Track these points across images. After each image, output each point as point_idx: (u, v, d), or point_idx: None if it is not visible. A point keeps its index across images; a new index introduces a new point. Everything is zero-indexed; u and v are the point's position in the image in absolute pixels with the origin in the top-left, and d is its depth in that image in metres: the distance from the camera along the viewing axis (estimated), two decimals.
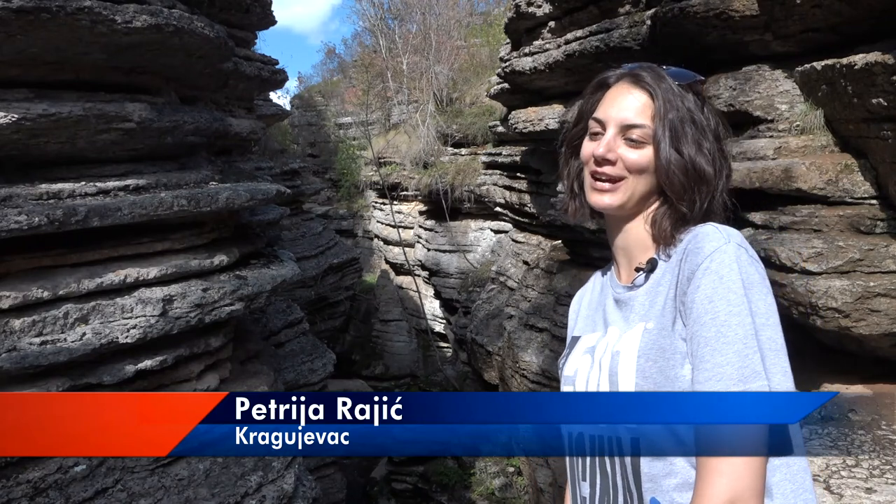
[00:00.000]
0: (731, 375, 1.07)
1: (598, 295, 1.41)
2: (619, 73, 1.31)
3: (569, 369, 1.34)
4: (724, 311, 1.10)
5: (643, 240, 1.29)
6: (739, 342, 1.08)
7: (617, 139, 1.25)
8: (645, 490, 1.15)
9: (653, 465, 1.15)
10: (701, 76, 1.31)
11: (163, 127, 4.38)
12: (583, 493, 1.27)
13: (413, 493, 12.39)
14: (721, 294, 1.11)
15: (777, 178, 4.42)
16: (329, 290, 14.26)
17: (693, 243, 1.18)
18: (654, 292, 1.22)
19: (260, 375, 5.23)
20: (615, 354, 1.21)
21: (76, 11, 3.57)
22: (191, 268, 4.45)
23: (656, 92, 1.24)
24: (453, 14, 22.80)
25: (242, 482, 4.37)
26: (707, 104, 1.30)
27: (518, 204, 12.87)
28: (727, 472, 1.04)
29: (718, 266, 1.13)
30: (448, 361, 16.65)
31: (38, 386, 3.73)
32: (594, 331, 1.34)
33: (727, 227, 1.21)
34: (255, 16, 7.82)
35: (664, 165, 1.22)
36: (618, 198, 1.26)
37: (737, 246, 1.16)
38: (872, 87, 3.74)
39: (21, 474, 3.68)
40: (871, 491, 3.27)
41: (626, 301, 1.28)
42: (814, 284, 4.05)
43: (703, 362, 1.10)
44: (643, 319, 1.21)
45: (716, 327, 1.10)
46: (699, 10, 4.99)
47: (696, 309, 1.13)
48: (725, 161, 1.28)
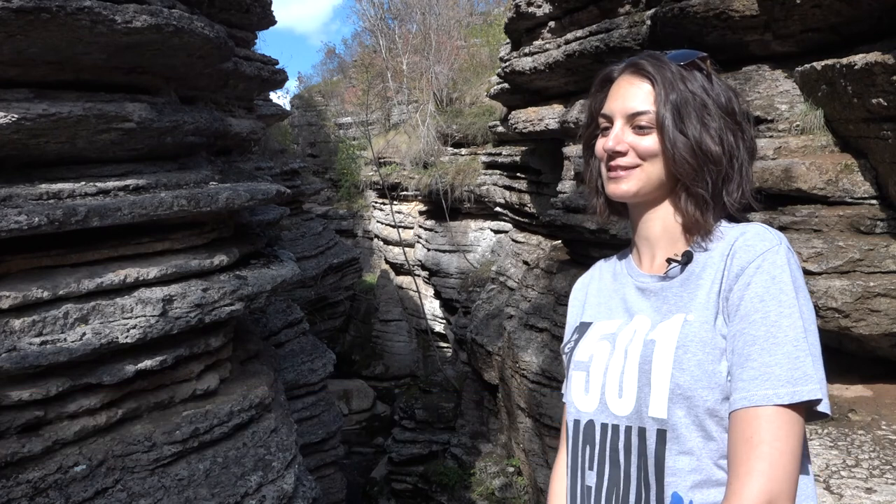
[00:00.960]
0: (781, 376, 1.06)
1: (610, 282, 1.38)
2: (621, 67, 1.31)
3: (581, 354, 1.31)
4: (775, 312, 1.09)
5: (671, 230, 1.27)
6: (790, 344, 1.07)
7: (625, 129, 1.25)
8: (667, 484, 1.13)
9: (679, 459, 1.13)
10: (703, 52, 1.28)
11: (163, 127, 4.37)
12: (587, 483, 1.25)
13: (413, 493, 12.39)
14: (773, 294, 1.10)
15: (777, 178, 4.42)
16: (329, 290, 14.26)
17: (743, 240, 1.17)
18: (695, 284, 1.19)
19: (260, 375, 5.22)
20: (648, 343, 1.19)
21: (76, 11, 3.56)
22: (191, 268, 4.43)
23: (656, 78, 1.23)
24: (453, 14, 22.81)
25: (242, 482, 4.37)
26: (716, 78, 1.27)
27: (518, 204, 12.88)
28: (766, 472, 1.02)
29: (771, 266, 1.12)
30: (448, 361, 16.64)
31: (38, 386, 3.72)
32: (611, 318, 1.32)
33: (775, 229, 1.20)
34: (255, 16, 7.80)
35: (670, 148, 1.21)
36: (633, 184, 1.25)
37: (787, 249, 1.15)
38: (872, 87, 3.74)
39: (21, 474, 3.68)
40: (871, 491, 3.26)
41: (655, 291, 1.25)
42: (814, 284, 4.05)
43: (750, 360, 1.09)
44: (681, 311, 1.19)
45: (766, 327, 1.09)
46: (699, 9, 4.99)
47: (745, 306, 1.11)
48: (743, 135, 1.25)
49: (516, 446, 10.42)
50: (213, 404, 4.60)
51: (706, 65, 1.27)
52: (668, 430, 1.13)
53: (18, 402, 3.67)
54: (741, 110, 1.26)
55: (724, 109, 1.24)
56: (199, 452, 4.39)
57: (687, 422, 1.12)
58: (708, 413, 1.11)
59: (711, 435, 1.11)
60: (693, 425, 1.12)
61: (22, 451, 3.66)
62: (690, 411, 1.12)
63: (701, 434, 1.12)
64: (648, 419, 1.16)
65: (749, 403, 1.06)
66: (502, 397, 10.95)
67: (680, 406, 1.12)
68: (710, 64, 1.28)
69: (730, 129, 1.23)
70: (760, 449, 1.03)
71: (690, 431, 1.12)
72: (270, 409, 5.04)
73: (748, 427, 1.05)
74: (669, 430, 1.13)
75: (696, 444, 1.12)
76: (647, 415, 1.16)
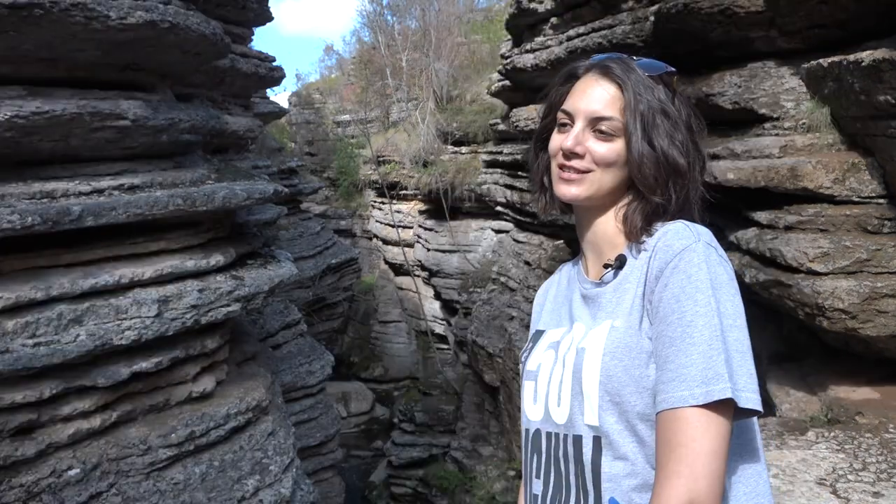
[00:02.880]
0: (695, 377, 1.05)
1: (564, 289, 1.39)
2: (587, 65, 1.30)
3: (531, 364, 1.32)
4: (690, 311, 1.08)
5: (612, 235, 1.27)
6: (705, 343, 1.06)
7: (585, 132, 1.24)
8: (604, 490, 1.13)
9: (614, 464, 1.13)
10: (672, 67, 1.28)
11: (158, 125, 4.33)
12: (534, 491, 1.26)
13: (413, 497, 12.37)
14: (689, 293, 1.09)
15: (783, 176, 4.38)
16: (327, 290, 14.19)
17: (662, 241, 1.16)
18: (622, 289, 1.20)
19: (257, 378, 5.18)
20: (580, 351, 1.20)
21: (70, 7, 3.53)
22: (186, 268, 4.40)
23: (626, 84, 1.22)
24: (453, 10, 22.75)
25: (239, 486, 4.32)
26: (678, 96, 1.28)
27: (519, 203, 12.79)
28: (686, 474, 1.02)
29: (687, 265, 1.11)
30: (448, 363, 16.61)
31: (31, 388, 3.69)
32: (559, 325, 1.33)
33: (697, 225, 1.19)
34: (252, 12, 7.78)
35: (636, 159, 1.20)
36: (584, 189, 1.24)
37: (706, 245, 1.14)
38: (880, 84, 3.70)
39: (14, 478, 3.65)
40: (878, 495, 3.21)
41: (593, 297, 1.26)
42: (820, 285, 4.01)
43: (668, 362, 1.09)
44: (610, 317, 1.19)
45: (682, 327, 1.08)
46: (703, 5, 4.94)
47: (663, 308, 1.11)
48: (699, 153, 1.26)
49: (517, 450, 10.38)
50: (209, 407, 4.56)
51: (673, 81, 1.28)
52: (602, 437, 1.15)
53: (11, 405, 3.65)
54: (699, 124, 1.28)
55: (685, 124, 1.25)
56: (195, 456, 4.36)
57: (619, 427, 1.13)
58: (639, 417, 1.12)
59: (644, 439, 1.12)
60: (626, 430, 1.13)
61: (15, 454, 3.63)
62: (622, 417, 1.13)
63: (634, 439, 1.13)
64: (584, 426, 1.17)
65: (667, 406, 1.07)
66: (503, 400, 10.91)
67: (611, 413, 1.14)
68: (675, 80, 1.28)
69: (693, 142, 1.25)
70: (679, 451, 1.04)
71: (623, 437, 1.13)
72: (268, 411, 5.00)
73: (668, 429, 1.06)
74: (603, 437, 1.14)
75: (630, 449, 1.13)
76: (581, 423, 1.17)
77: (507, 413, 10.69)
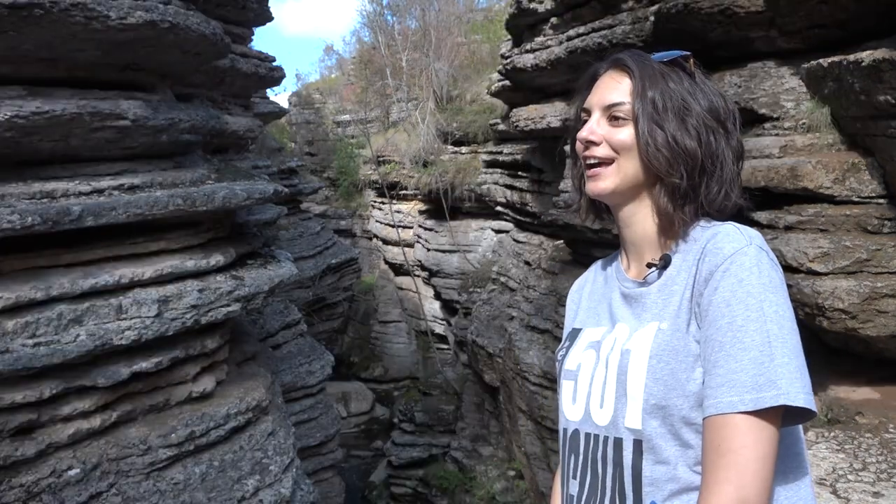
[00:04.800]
0: (745, 383, 1.04)
1: (601, 286, 1.37)
2: (605, 64, 1.31)
3: (570, 363, 1.30)
4: (741, 316, 1.06)
5: (650, 234, 1.26)
6: (756, 349, 1.05)
7: (601, 121, 1.25)
8: (645, 494, 1.12)
9: (655, 469, 1.12)
10: (687, 51, 1.27)
11: (158, 125, 4.33)
12: (570, 492, 1.25)
13: (413, 497, 12.36)
14: (740, 298, 1.07)
15: (783, 176, 4.38)
16: (327, 290, 14.18)
17: (712, 243, 1.14)
18: (669, 291, 1.18)
19: (257, 378, 5.18)
20: (625, 353, 1.18)
21: (70, 7, 3.52)
22: (186, 268, 4.39)
23: (635, 71, 1.23)
24: (453, 10, 22.73)
25: (239, 486, 4.32)
26: (700, 78, 1.26)
27: (519, 203, 12.79)
28: (735, 480, 1.01)
29: (738, 269, 1.09)
30: (448, 363, 16.60)
31: (31, 388, 3.68)
32: (598, 325, 1.31)
33: (748, 227, 1.17)
34: (252, 12, 7.78)
35: (644, 141, 1.19)
36: (610, 182, 1.24)
37: (758, 248, 1.12)
38: (880, 84, 3.70)
39: (14, 478, 3.64)
40: (878, 495, 3.21)
41: (636, 297, 1.24)
42: (820, 285, 4.01)
43: (717, 367, 1.07)
44: (656, 318, 1.18)
45: (732, 332, 1.06)
46: (703, 5, 4.94)
47: (713, 312, 1.09)
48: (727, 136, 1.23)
49: (517, 449, 10.37)
50: (209, 407, 4.55)
51: (689, 63, 1.26)
52: (644, 441, 1.13)
53: (11, 405, 3.64)
54: (726, 111, 1.24)
55: (705, 109, 1.22)
56: (195, 456, 4.35)
57: (662, 431, 1.12)
58: (683, 422, 1.11)
59: (688, 443, 1.11)
60: (669, 434, 1.12)
61: (15, 454, 3.62)
62: (665, 421, 1.12)
63: (677, 443, 1.11)
64: (625, 430, 1.16)
65: (716, 411, 1.05)
66: (503, 400, 10.90)
67: (655, 416, 1.12)
68: (693, 63, 1.26)
69: (710, 128, 1.21)
70: (728, 457, 1.03)
71: (666, 441, 1.12)
72: (268, 411, 5.00)
73: (717, 435, 1.05)
74: (645, 440, 1.13)
75: (673, 454, 1.11)
76: (623, 425, 1.16)
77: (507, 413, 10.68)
